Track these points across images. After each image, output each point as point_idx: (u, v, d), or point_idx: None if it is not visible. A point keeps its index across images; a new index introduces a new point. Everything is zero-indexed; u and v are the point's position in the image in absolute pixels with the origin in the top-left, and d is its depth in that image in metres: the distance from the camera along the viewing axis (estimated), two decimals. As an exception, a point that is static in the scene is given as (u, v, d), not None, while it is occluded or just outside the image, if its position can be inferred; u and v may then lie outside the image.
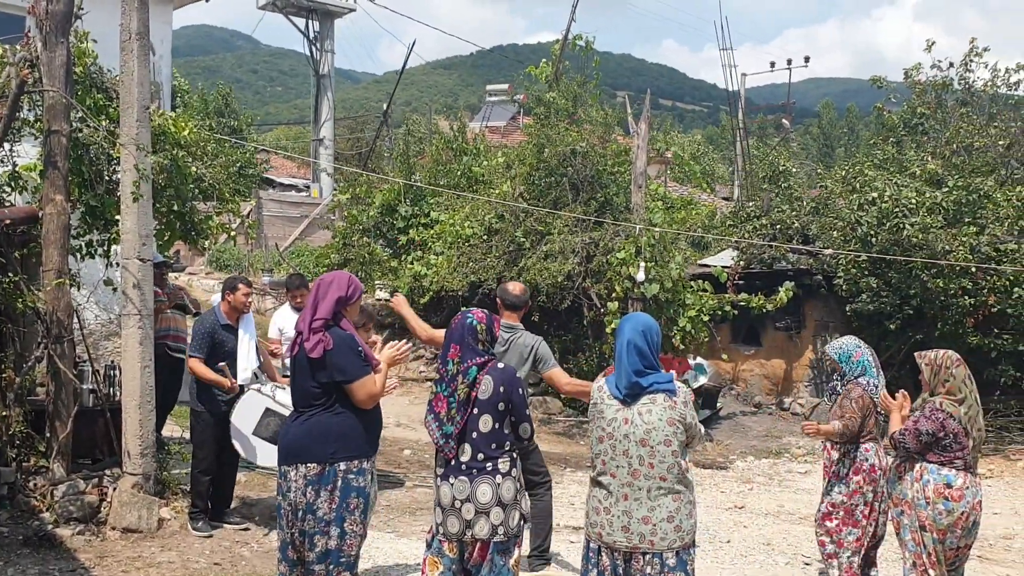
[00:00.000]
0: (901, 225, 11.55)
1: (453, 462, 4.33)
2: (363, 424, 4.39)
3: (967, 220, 11.89)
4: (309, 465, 4.23)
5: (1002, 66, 14.56)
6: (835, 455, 5.93)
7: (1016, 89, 14.56)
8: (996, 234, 11.65)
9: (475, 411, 4.30)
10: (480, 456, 4.29)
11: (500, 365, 4.45)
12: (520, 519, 4.39)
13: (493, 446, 4.31)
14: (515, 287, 6.14)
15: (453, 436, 4.32)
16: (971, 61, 14.57)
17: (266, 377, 6.97)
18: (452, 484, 4.32)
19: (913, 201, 11.76)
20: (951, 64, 14.75)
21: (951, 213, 11.93)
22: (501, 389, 4.32)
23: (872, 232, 11.91)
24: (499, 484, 4.28)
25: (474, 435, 4.29)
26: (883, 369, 12.29)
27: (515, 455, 4.43)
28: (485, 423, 4.31)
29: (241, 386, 6.71)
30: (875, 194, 12.02)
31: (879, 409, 5.74)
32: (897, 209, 11.71)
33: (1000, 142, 13.63)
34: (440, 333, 5.78)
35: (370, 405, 4.39)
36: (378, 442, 4.63)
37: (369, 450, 4.46)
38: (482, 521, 4.26)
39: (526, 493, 4.64)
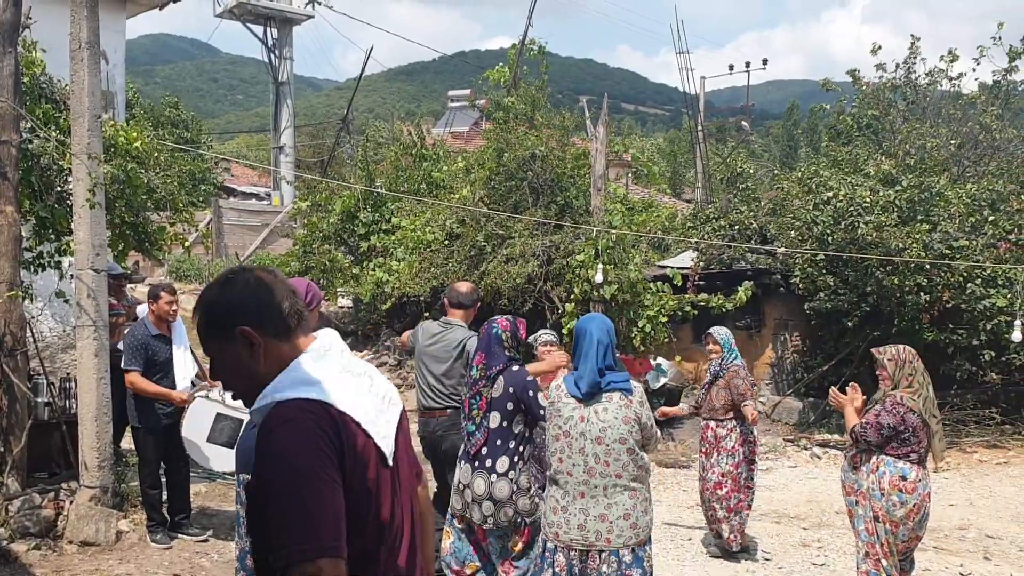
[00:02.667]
0: (856, 224, 11.71)
1: (472, 451, 4.77)
2: None
3: (920, 218, 12.08)
4: None
5: (940, 64, 14.74)
6: (721, 431, 6.76)
7: (959, 83, 14.76)
8: (948, 231, 11.85)
9: (487, 408, 4.76)
10: (484, 451, 4.70)
11: (515, 368, 4.79)
12: (513, 514, 4.71)
13: (498, 442, 4.68)
14: (463, 286, 6.14)
15: (475, 434, 4.76)
16: (913, 62, 14.79)
17: (207, 383, 6.92)
18: (461, 468, 4.86)
19: (867, 200, 11.93)
20: (897, 65, 14.97)
21: (904, 211, 12.11)
22: (511, 390, 4.69)
23: (828, 231, 12.07)
24: (492, 482, 4.65)
25: (487, 431, 4.75)
26: (842, 365, 12.58)
27: (516, 458, 4.70)
28: (494, 419, 4.71)
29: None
30: (830, 194, 12.18)
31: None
32: (852, 208, 11.88)
33: (952, 141, 13.87)
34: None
35: None
36: None
37: None
38: (475, 508, 4.72)
39: (533, 492, 4.80)
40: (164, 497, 6.83)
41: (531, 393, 4.67)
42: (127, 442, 8.50)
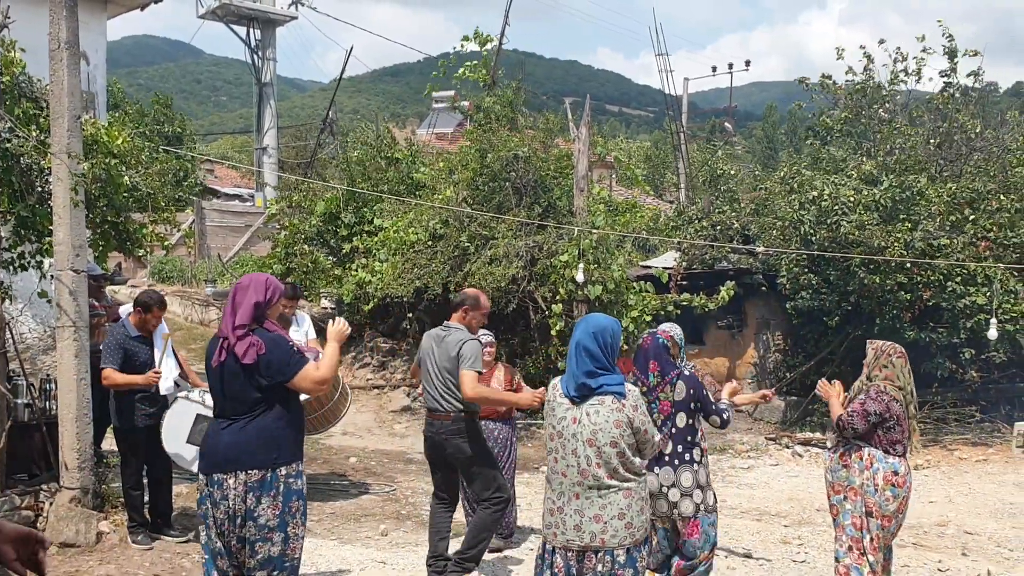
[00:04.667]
0: (839, 223, 11.78)
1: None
2: (294, 427, 4.35)
3: (902, 217, 12.15)
4: (250, 472, 4.16)
5: (897, 65, 14.74)
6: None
7: (919, 79, 14.77)
8: (929, 230, 11.92)
9: (672, 410, 5.20)
10: (679, 448, 5.18)
11: (687, 372, 5.33)
12: (714, 497, 5.37)
13: (688, 439, 5.22)
14: (467, 290, 6.18)
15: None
16: (870, 68, 14.80)
17: (189, 383, 6.90)
18: (657, 473, 5.21)
19: (851, 199, 11.99)
20: (865, 67, 14.99)
21: (887, 210, 12.18)
22: (691, 391, 5.23)
23: (812, 231, 12.13)
24: (696, 471, 5.22)
25: (673, 431, 5.19)
26: (823, 364, 12.65)
27: (704, 447, 5.35)
28: (681, 419, 5.22)
29: (164, 396, 6.65)
30: (815, 193, 12.24)
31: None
32: (836, 207, 11.94)
33: (932, 141, 13.91)
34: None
35: (320, 389, 4.38)
36: (303, 443, 4.55)
37: (300, 452, 4.41)
38: (687, 501, 5.19)
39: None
40: (146, 498, 6.81)
41: (705, 392, 5.34)
42: (109, 443, 8.49)
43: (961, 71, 14.39)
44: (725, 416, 5.34)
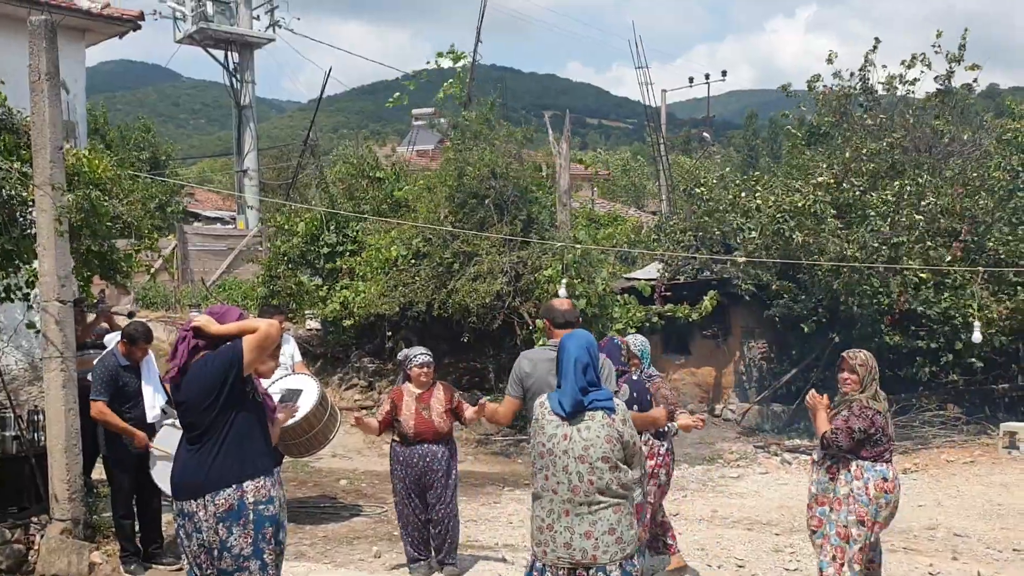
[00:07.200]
0: (782, 230, 11.84)
1: None
2: (258, 445, 4.25)
3: (855, 217, 12.16)
4: (218, 501, 4.07)
5: (898, 70, 14.83)
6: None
7: (913, 88, 14.85)
8: (882, 230, 11.89)
9: None
10: None
11: (634, 377, 5.86)
12: (642, 495, 5.68)
13: None
14: (563, 303, 5.61)
15: None
16: (867, 71, 14.89)
17: (176, 411, 6.86)
18: None
19: (799, 204, 12.02)
20: (852, 73, 15.08)
21: (847, 216, 12.22)
22: (634, 395, 5.67)
23: (755, 241, 12.21)
24: None
25: None
26: (808, 370, 12.71)
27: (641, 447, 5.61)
28: None
29: (151, 425, 6.63)
30: (759, 202, 12.30)
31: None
32: (779, 215, 12.01)
33: (901, 145, 13.87)
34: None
35: (271, 336, 4.21)
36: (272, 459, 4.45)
37: (267, 468, 4.23)
38: None
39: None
40: (137, 527, 6.78)
41: (648, 398, 5.86)
42: (99, 473, 8.44)
43: (955, 79, 14.50)
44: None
